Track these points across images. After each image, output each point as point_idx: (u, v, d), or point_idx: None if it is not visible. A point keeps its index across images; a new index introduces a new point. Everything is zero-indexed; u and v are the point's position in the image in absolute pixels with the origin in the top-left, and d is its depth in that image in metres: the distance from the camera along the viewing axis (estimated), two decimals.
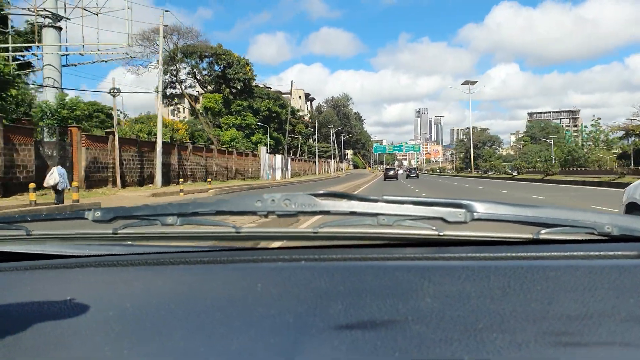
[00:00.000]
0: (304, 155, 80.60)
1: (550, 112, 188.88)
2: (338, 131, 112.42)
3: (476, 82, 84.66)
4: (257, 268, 0.85)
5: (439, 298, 0.66)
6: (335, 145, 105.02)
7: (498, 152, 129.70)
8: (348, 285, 0.72)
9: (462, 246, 0.88)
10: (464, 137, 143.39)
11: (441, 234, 0.86)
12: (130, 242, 1.05)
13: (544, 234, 0.85)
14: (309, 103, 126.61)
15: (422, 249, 0.88)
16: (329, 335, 0.58)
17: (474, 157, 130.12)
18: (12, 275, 0.92)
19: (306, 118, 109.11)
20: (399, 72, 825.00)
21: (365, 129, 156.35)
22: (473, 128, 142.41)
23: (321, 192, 0.85)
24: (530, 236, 0.86)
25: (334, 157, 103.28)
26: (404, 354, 0.53)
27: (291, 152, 72.74)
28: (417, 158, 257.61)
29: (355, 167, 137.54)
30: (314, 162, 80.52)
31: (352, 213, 0.84)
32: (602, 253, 0.80)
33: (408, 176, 63.42)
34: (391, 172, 53.20)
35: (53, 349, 0.60)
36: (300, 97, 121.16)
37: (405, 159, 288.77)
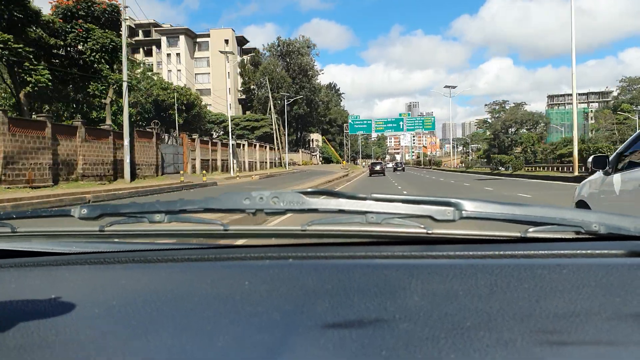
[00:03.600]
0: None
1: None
2: (282, 93, 64.42)
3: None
4: (244, 266, 0.85)
5: (426, 296, 0.66)
6: (273, 116, 56.76)
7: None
8: (336, 283, 0.72)
9: (450, 244, 0.88)
10: (488, 116, 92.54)
11: (429, 232, 0.86)
12: (117, 240, 1.05)
13: (532, 232, 0.85)
14: (247, 58, 77.63)
15: (410, 247, 0.88)
16: (316, 334, 0.58)
17: (505, 145, 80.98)
18: None
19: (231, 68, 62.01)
20: (390, 66, 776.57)
21: (344, 107, 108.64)
22: (503, 103, 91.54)
23: (309, 189, 0.85)
24: (519, 234, 0.86)
25: (276, 140, 55.94)
26: (392, 352, 0.53)
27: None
28: (413, 151, 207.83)
29: (327, 160, 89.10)
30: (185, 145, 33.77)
31: (341, 211, 0.83)
32: (589, 251, 0.80)
33: (395, 169, 66.00)
34: (377, 167, 47.37)
35: (38, 347, 0.59)
36: (226, 41, 72.69)
37: (399, 153, 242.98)
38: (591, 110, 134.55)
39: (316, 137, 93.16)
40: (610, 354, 0.52)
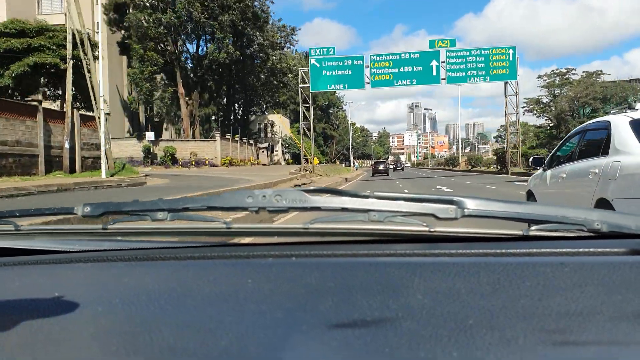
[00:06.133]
0: None
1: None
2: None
3: None
4: (247, 264, 0.85)
5: (429, 294, 0.66)
6: (68, 22, 20.44)
7: None
8: (338, 282, 0.72)
9: (452, 242, 0.88)
10: (543, 89, 55.63)
11: (432, 230, 0.86)
12: (120, 238, 1.05)
13: (534, 230, 0.85)
14: None
15: (412, 245, 0.88)
16: (320, 332, 0.58)
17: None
18: (0, 271, 0.91)
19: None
20: None
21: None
22: (567, 72, 52.54)
23: (312, 187, 0.86)
24: (521, 232, 0.86)
25: (65, 91, 19.46)
26: (394, 350, 0.53)
27: None
28: (420, 151, 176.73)
29: (299, 159, 53.72)
30: None
31: (344, 209, 0.83)
32: (591, 250, 0.80)
33: (395, 169, 65.06)
34: (381, 167, 45.32)
35: (41, 345, 0.60)
36: None
37: (403, 153, 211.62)
38: None
39: (275, 119, 57.72)
40: (612, 352, 0.52)
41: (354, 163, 78.68)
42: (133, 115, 42.44)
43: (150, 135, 34.42)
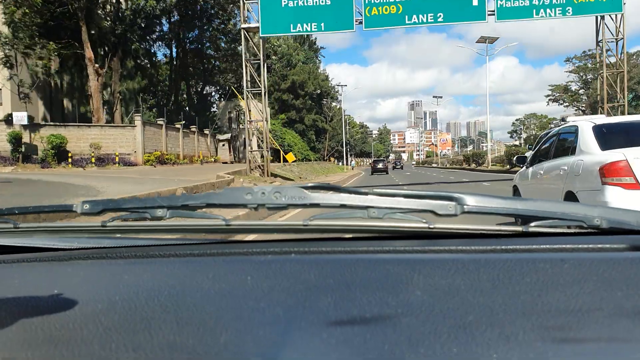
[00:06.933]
0: None
1: None
2: None
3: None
4: (247, 261, 0.85)
5: (428, 291, 0.66)
6: None
7: None
8: (338, 278, 0.72)
9: (452, 239, 0.88)
10: (573, 78, 39.64)
11: (431, 226, 0.86)
12: (119, 235, 1.05)
13: (534, 226, 0.85)
14: None
15: (412, 242, 0.88)
16: (319, 328, 0.59)
17: None
18: None
19: None
20: (394, 65, 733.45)
21: (324, 71, 63.70)
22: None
23: (311, 184, 0.86)
24: (520, 229, 0.86)
25: None
26: (394, 346, 0.53)
27: None
28: (421, 149, 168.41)
29: (278, 154, 42.29)
30: None
31: (343, 206, 0.83)
32: (591, 246, 0.80)
33: (394, 168, 64.13)
34: (380, 165, 47.00)
35: (41, 344, 0.60)
36: None
37: (405, 151, 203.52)
38: None
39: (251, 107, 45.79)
40: (612, 349, 0.52)
41: (350, 161, 67.58)
42: (51, 97, 31.11)
43: (21, 116, 22.97)
